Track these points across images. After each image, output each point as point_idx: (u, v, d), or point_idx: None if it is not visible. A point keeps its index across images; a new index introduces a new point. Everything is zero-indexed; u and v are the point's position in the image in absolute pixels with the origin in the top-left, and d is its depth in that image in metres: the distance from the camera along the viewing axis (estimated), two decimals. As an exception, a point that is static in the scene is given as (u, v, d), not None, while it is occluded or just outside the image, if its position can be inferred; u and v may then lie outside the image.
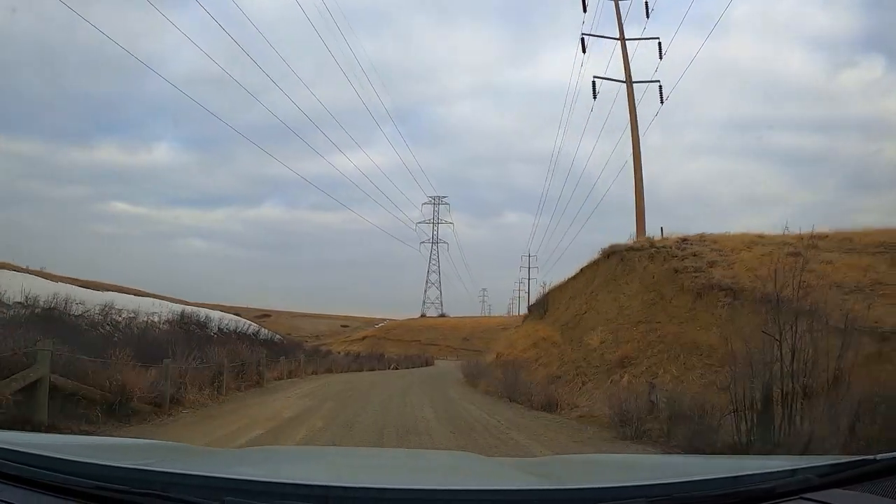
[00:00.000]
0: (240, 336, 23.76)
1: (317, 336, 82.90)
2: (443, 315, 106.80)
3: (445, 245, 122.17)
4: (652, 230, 19.05)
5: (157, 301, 28.63)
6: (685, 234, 15.92)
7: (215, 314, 29.19)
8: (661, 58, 21.70)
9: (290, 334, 70.69)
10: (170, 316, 22.87)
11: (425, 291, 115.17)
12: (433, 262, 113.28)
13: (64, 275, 28.99)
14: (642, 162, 21.10)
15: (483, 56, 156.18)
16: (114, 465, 1.35)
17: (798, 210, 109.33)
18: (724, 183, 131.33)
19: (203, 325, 23.68)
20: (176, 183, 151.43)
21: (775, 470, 1.38)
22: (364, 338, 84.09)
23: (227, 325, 25.90)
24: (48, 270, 28.94)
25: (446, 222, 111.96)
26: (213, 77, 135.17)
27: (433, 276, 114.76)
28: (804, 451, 5.20)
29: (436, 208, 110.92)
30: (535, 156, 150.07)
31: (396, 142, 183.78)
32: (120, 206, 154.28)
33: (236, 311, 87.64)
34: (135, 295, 29.80)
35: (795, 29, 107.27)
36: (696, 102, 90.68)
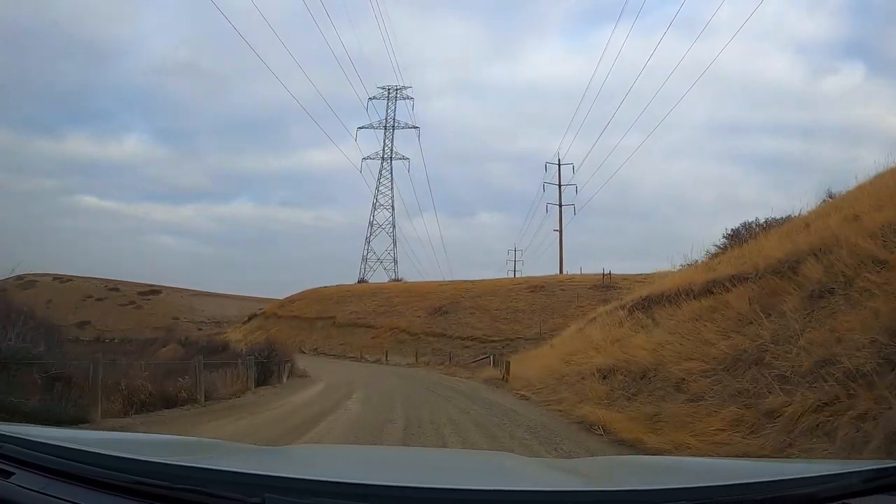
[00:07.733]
0: None
1: (217, 322, 63.91)
2: (398, 280, 58.03)
3: (406, 162, 63.60)
4: (623, 230, 18.60)
5: None
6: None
7: None
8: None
9: (176, 318, 55.29)
10: None
11: (367, 240, 60.99)
12: (383, 189, 61.99)
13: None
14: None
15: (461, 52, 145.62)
16: (154, 460, 1.35)
17: (772, 214, 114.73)
18: (705, 185, 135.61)
19: None
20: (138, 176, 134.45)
21: (818, 474, 1.41)
22: (250, 318, 56.84)
23: None
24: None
25: (408, 126, 62.84)
26: (181, 66, 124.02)
27: (383, 214, 61.64)
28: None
29: (391, 104, 61.59)
30: (513, 155, 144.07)
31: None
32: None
33: (115, 286, 75.52)
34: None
35: (780, 34, 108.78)
36: (679, 105, 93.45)
